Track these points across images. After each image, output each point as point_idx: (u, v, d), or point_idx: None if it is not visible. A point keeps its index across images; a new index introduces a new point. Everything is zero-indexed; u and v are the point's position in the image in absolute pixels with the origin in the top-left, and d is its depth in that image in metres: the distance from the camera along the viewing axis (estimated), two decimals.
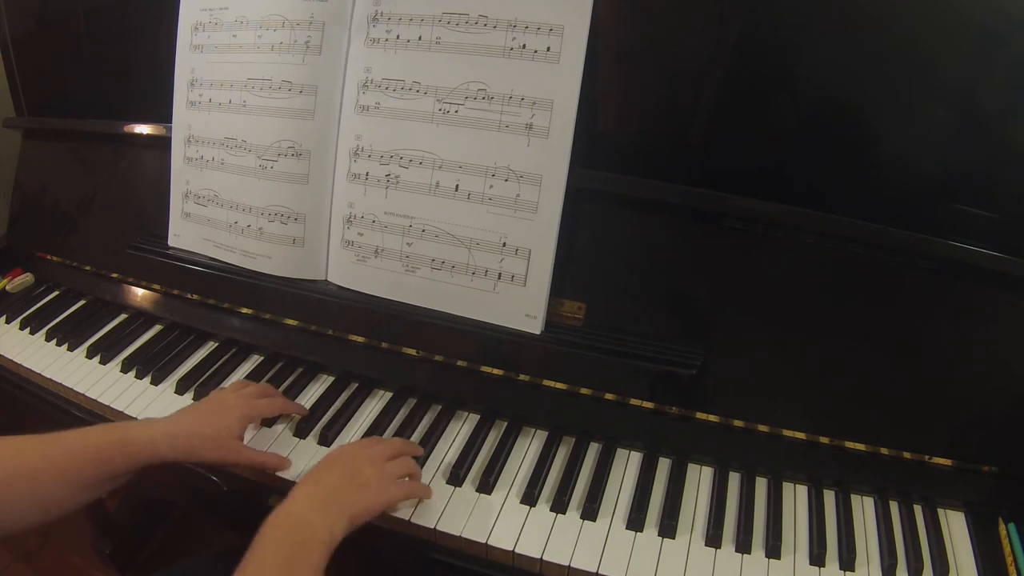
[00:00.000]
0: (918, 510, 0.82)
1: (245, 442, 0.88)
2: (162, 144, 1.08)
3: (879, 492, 0.83)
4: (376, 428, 0.91)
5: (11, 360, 1.07)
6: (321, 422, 0.93)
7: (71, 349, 1.08)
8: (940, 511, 0.82)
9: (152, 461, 0.76)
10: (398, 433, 0.90)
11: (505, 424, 0.92)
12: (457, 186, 0.88)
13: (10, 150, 1.32)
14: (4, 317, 1.16)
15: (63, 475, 0.71)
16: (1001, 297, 0.79)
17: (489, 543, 0.77)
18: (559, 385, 0.90)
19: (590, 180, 0.86)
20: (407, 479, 0.80)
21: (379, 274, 0.94)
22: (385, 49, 0.90)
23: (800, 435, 0.84)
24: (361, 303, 0.95)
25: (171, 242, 1.09)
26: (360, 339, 0.98)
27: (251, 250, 1.01)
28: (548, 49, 0.82)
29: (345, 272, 0.97)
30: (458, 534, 0.78)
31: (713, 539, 0.78)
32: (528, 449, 0.89)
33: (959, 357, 0.81)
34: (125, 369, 1.03)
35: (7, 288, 1.22)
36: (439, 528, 0.78)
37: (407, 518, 0.79)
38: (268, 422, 0.92)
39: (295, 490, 0.72)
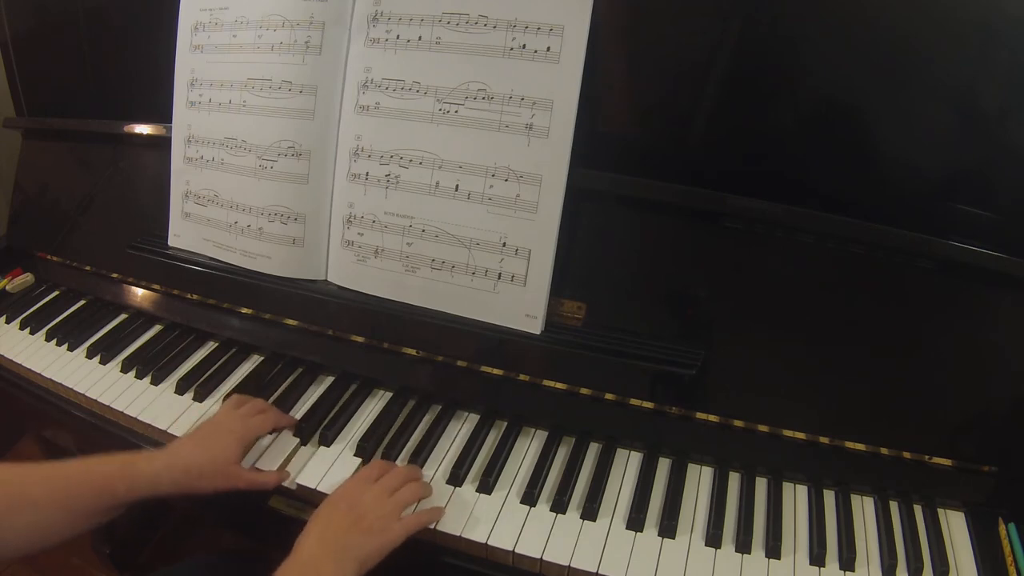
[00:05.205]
0: (918, 510, 0.82)
1: None
2: (162, 144, 1.08)
3: (879, 492, 0.84)
4: (376, 428, 0.91)
5: (11, 360, 1.07)
6: (322, 423, 0.92)
7: (71, 349, 1.08)
8: (940, 511, 0.82)
9: (153, 495, 0.77)
10: (398, 434, 0.90)
11: (505, 424, 0.92)
12: (457, 186, 0.88)
13: (10, 150, 1.32)
14: (4, 317, 1.16)
15: (65, 505, 0.71)
16: (1001, 297, 0.79)
17: (489, 543, 0.77)
18: (559, 385, 0.90)
19: (590, 180, 0.85)
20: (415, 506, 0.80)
21: (379, 274, 0.94)
22: (385, 49, 0.90)
23: (800, 435, 0.84)
24: (361, 303, 0.95)
25: (171, 242, 1.09)
26: (360, 339, 0.98)
27: (251, 250, 1.01)
28: (548, 49, 0.82)
29: (345, 272, 0.97)
30: (458, 534, 0.78)
31: (713, 539, 0.78)
32: (528, 449, 0.89)
33: (959, 357, 0.81)
34: (125, 369, 1.03)
35: (7, 288, 1.22)
36: (439, 528, 0.78)
37: None
38: None
39: (305, 536, 0.71)
